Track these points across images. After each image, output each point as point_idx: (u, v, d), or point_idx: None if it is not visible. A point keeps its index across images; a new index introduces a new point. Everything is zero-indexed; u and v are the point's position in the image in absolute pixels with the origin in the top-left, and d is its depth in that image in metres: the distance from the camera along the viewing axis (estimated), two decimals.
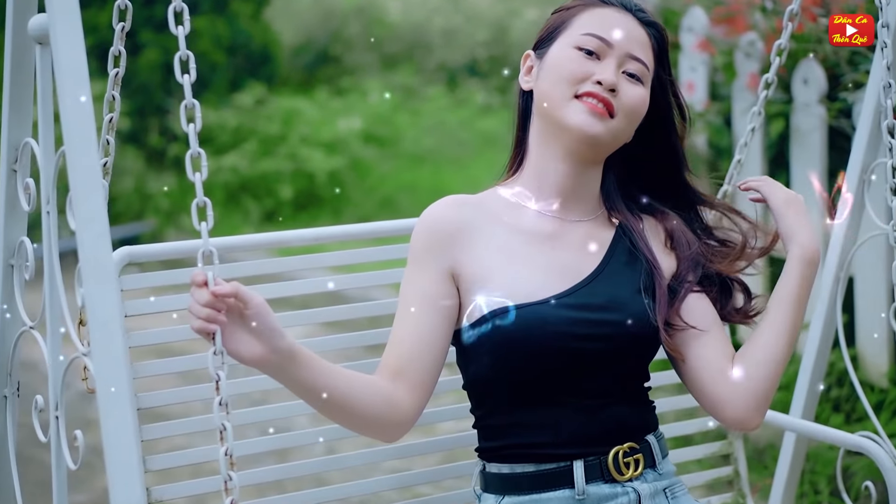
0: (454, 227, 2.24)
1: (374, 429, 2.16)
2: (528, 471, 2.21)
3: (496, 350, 2.18)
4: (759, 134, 4.73)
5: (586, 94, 2.18)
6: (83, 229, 1.85)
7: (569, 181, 2.27)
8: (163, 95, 8.47)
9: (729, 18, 4.80)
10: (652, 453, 2.26)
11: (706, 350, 2.25)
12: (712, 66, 4.90)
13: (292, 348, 1.99)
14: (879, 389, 4.32)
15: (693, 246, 2.30)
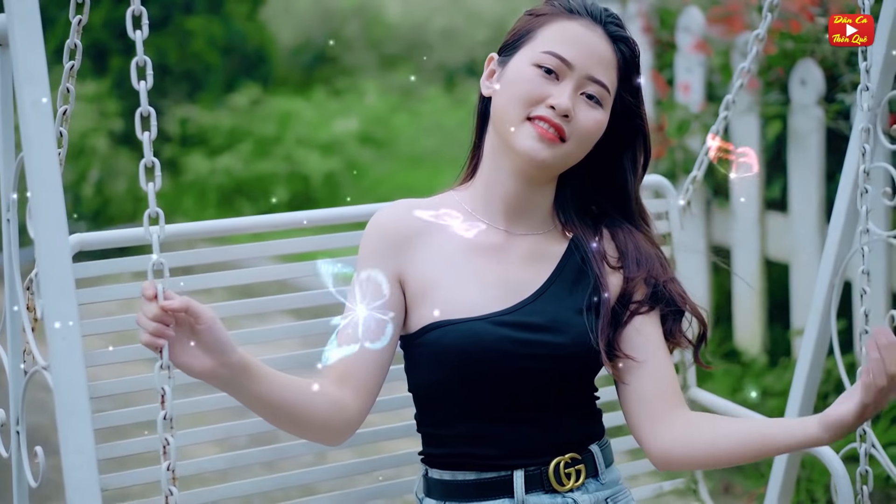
0: (403, 234, 2.23)
1: (321, 434, 2.16)
2: (469, 479, 2.21)
3: (433, 364, 2.18)
4: (756, 136, 4.67)
5: (539, 118, 2.14)
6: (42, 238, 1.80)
7: (517, 196, 2.24)
8: (156, 97, 8.39)
9: (726, 18, 4.74)
10: (595, 463, 2.26)
11: (643, 383, 2.21)
12: (709, 66, 4.83)
13: (243, 362, 1.99)
14: None
15: (643, 267, 2.25)
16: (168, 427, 1.87)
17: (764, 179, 4.72)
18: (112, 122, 7.92)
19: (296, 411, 2.08)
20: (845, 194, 2.83)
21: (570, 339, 2.17)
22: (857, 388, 2.03)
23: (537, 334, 2.17)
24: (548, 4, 2.25)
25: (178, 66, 8.47)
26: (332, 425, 2.14)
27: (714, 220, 4.99)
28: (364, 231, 2.26)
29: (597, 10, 2.21)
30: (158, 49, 8.40)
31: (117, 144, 8.01)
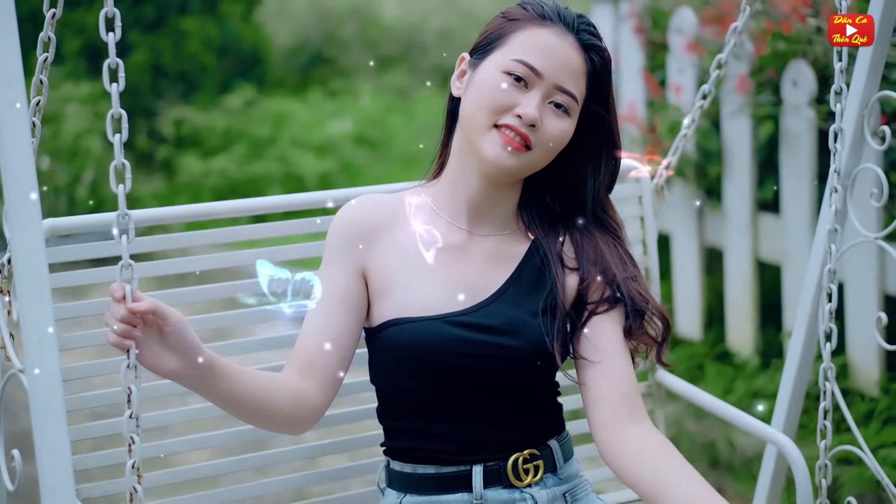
0: (367, 228, 2.26)
1: (284, 426, 2.20)
2: (429, 472, 2.26)
3: (390, 360, 2.23)
4: (748, 137, 4.65)
5: (505, 126, 2.17)
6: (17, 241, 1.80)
7: (481, 198, 2.27)
8: (152, 97, 8.40)
9: (718, 19, 4.72)
10: (553, 458, 2.30)
11: (600, 386, 2.22)
12: (701, 67, 4.82)
13: (209, 362, 2.03)
14: (870, 398, 4.25)
15: (598, 267, 2.26)
16: (134, 426, 1.91)
17: (756, 181, 4.71)
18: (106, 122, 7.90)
19: (261, 406, 2.12)
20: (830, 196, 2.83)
21: (526, 343, 2.20)
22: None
23: (493, 336, 2.20)
24: (521, 8, 2.26)
25: (173, 67, 8.45)
26: (296, 417, 2.18)
27: (706, 222, 4.98)
28: (331, 224, 2.30)
29: (570, 18, 2.23)
30: (153, 50, 8.39)
31: (111, 145, 7.98)
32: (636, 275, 2.28)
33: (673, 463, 2.10)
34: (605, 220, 2.33)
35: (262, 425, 2.21)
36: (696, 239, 4.99)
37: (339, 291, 2.23)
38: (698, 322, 5.02)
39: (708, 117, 4.81)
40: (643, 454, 2.12)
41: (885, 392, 4.22)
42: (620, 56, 5.26)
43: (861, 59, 2.75)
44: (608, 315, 2.24)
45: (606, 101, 2.26)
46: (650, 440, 2.15)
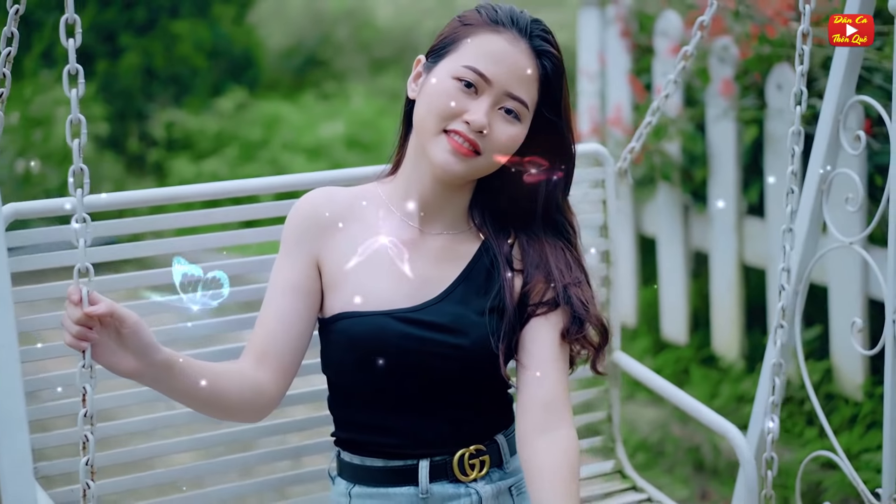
0: (322, 220, 2.30)
1: (241, 415, 2.26)
2: (378, 465, 2.31)
3: (340, 352, 2.27)
4: (733, 141, 4.65)
5: (454, 132, 2.20)
6: None
7: (434, 197, 2.31)
8: (143, 100, 8.39)
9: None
10: (500, 453, 2.35)
11: (531, 389, 2.24)
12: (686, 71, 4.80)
13: (167, 360, 2.07)
14: (854, 402, 4.25)
15: (542, 270, 2.29)
16: (88, 423, 1.96)
17: (741, 184, 4.70)
18: (97, 126, 7.90)
19: (218, 399, 2.17)
20: (808, 200, 2.82)
21: (471, 342, 2.24)
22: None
23: (440, 334, 2.24)
24: (476, 12, 2.28)
25: (164, 70, 8.44)
26: (253, 407, 2.24)
27: (692, 225, 4.97)
28: (287, 215, 2.34)
29: (523, 23, 2.25)
30: (145, 52, 8.38)
31: (102, 148, 7.99)
32: (580, 281, 2.31)
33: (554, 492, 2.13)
34: (558, 223, 2.36)
35: (219, 416, 2.27)
36: (682, 242, 4.98)
37: (294, 282, 2.27)
38: (684, 326, 5.02)
39: (693, 121, 4.81)
40: (541, 473, 2.16)
41: (869, 396, 4.21)
42: (607, 59, 5.26)
43: (836, 64, 2.75)
44: (546, 319, 2.27)
45: (558, 107, 2.29)
46: (551, 460, 2.17)
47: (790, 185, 2.74)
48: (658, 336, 5.18)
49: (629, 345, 5.25)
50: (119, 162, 8.07)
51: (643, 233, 5.26)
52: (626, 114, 5.11)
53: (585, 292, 2.30)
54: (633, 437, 4.57)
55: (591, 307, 2.29)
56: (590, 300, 2.30)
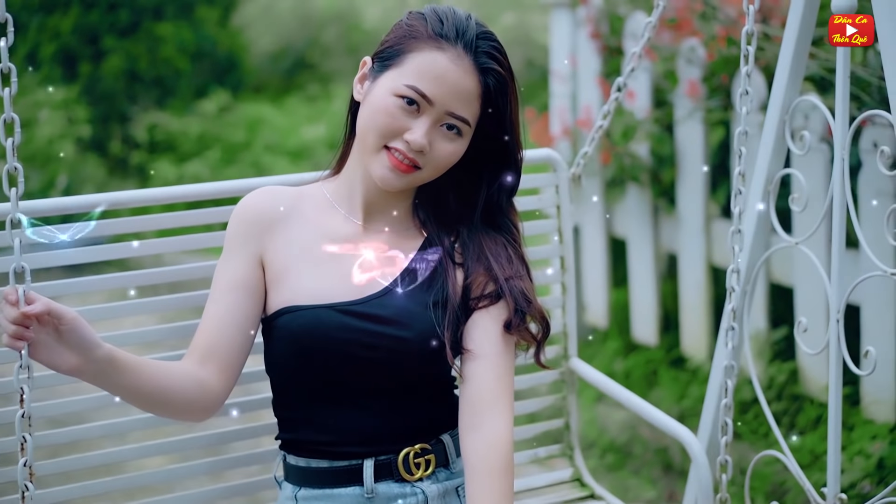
0: (265, 217, 2.31)
1: (186, 414, 2.27)
2: (322, 466, 2.31)
3: (283, 347, 2.28)
4: (701, 142, 4.65)
5: (395, 149, 2.21)
6: None
7: (377, 197, 2.33)
8: (126, 103, 8.39)
9: (674, 24, 4.72)
10: (446, 452, 2.36)
11: (466, 386, 2.26)
12: (654, 73, 4.82)
13: (109, 356, 2.08)
14: (819, 403, 4.25)
15: (482, 264, 2.31)
16: (26, 426, 1.99)
17: (709, 186, 4.71)
18: (80, 128, 7.91)
19: (163, 396, 2.18)
20: (755, 201, 2.83)
21: (415, 334, 2.25)
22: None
23: (382, 326, 2.24)
24: (422, 20, 2.26)
25: (147, 72, 8.45)
26: (198, 405, 2.25)
27: (661, 227, 4.98)
28: (231, 214, 2.36)
29: (469, 36, 2.23)
30: (128, 55, 8.38)
31: (85, 150, 7.99)
32: (521, 274, 2.31)
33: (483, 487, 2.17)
34: (500, 221, 2.37)
35: (165, 414, 2.28)
36: (652, 244, 4.98)
37: (238, 279, 2.28)
38: (654, 327, 5.02)
39: (660, 122, 4.81)
40: (473, 468, 2.20)
41: None
42: (578, 61, 5.26)
43: (781, 65, 2.77)
44: (488, 312, 2.28)
45: (502, 121, 2.29)
46: (481, 455, 2.20)
47: (737, 187, 2.75)
48: (629, 338, 5.19)
49: (600, 347, 5.25)
50: (102, 164, 8.08)
51: (614, 234, 5.26)
52: (597, 115, 5.10)
53: (526, 286, 2.31)
54: (602, 439, 4.58)
55: (533, 301, 2.30)
56: (531, 294, 2.31)
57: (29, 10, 8.38)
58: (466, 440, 2.22)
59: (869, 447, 3.98)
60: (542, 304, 2.34)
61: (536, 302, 2.31)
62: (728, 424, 2.75)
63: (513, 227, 2.37)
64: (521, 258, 2.34)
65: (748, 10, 2.61)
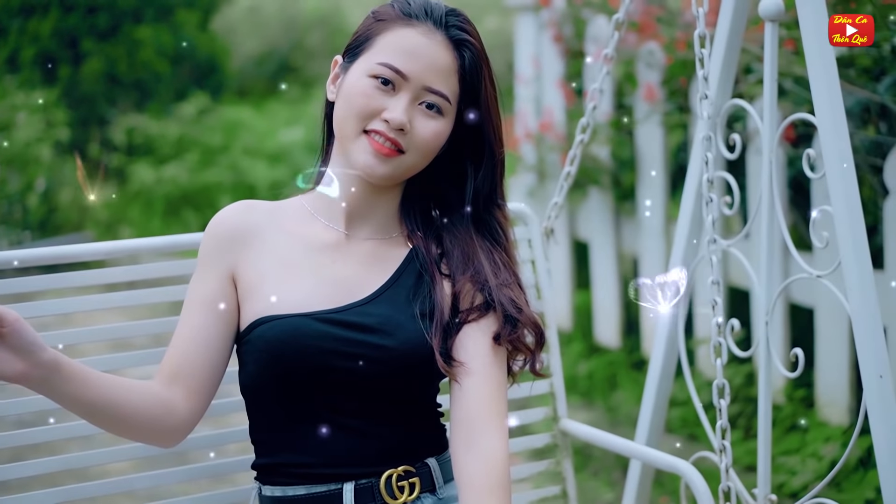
0: (238, 233, 2.20)
1: (150, 436, 2.14)
2: (300, 493, 2.16)
3: (258, 360, 2.14)
4: (660, 146, 4.67)
5: (374, 132, 2.12)
6: None
7: (361, 202, 2.22)
8: (105, 106, 8.41)
9: (637, 29, 4.73)
10: (431, 477, 2.21)
11: (457, 405, 2.14)
12: (614, 76, 4.83)
13: (55, 361, 1.97)
14: (775, 406, 4.27)
15: (467, 274, 2.19)
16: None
17: (669, 189, 4.73)
18: (59, 131, 7.93)
19: (119, 412, 2.06)
20: (689, 204, 2.84)
21: (400, 343, 2.13)
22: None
23: (364, 335, 2.13)
24: (390, 7, 2.20)
25: (126, 75, 8.47)
26: (161, 427, 2.13)
27: (623, 230, 4.99)
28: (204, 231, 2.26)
29: (438, 13, 2.17)
30: (107, 58, 8.41)
31: (63, 153, 8.01)
32: (510, 282, 2.20)
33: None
34: (488, 224, 2.26)
35: (129, 435, 2.15)
36: (613, 247, 5.00)
37: (208, 297, 2.18)
38: (616, 330, 5.04)
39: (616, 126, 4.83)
40: (467, 487, 2.09)
41: (790, 400, 4.24)
42: (542, 64, 5.28)
43: (713, 69, 2.77)
44: (478, 324, 2.17)
45: (478, 99, 2.19)
46: (476, 474, 2.09)
47: (708, 195, 2.63)
48: (591, 340, 5.20)
49: (564, 349, 5.27)
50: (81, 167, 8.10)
51: (577, 237, 5.28)
52: (559, 119, 5.13)
53: (516, 293, 2.19)
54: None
55: (524, 309, 2.19)
56: (522, 301, 2.19)
57: (9, 14, 8.41)
58: (460, 459, 2.10)
59: (822, 449, 3.99)
60: (534, 311, 2.22)
61: (528, 309, 2.19)
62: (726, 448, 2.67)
63: (500, 230, 2.26)
64: (509, 264, 2.23)
65: (697, 14, 2.59)
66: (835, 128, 2.44)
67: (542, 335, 2.22)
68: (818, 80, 2.47)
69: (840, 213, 2.45)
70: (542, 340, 2.23)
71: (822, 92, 2.46)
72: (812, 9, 2.46)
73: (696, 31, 2.59)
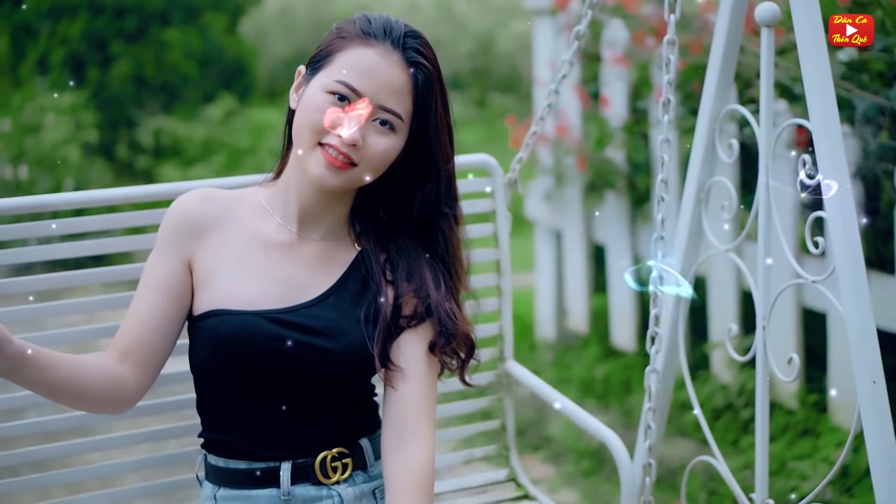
0: (197, 221, 2.31)
1: (101, 407, 2.27)
2: (241, 467, 2.31)
3: (207, 350, 2.27)
4: (675, 149, 4.66)
5: (329, 145, 2.20)
6: None
7: (313, 204, 2.32)
8: (133, 108, 8.47)
9: (654, 32, 4.73)
10: (364, 457, 2.37)
11: (389, 407, 2.28)
12: (629, 80, 4.83)
13: (21, 352, 2.07)
14: (787, 410, 4.26)
15: (412, 284, 2.31)
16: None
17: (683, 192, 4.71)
18: (87, 132, 8.00)
19: (76, 390, 2.18)
20: (688, 208, 2.85)
21: (342, 347, 2.26)
22: None
23: (310, 337, 2.25)
24: (352, 23, 2.28)
25: (154, 77, 8.53)
26: (112, 399, 2.25)
27: (638, 234, 4.98)
28: (164, 214, 2.35)
29: (396, 34, 2.25)
30: (136, 60, 8.46)
31: (92, 155, 8.08)
32: (448, 295, 2.32)
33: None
34: (433, 234, 2.36)
35: (78, 407, 2.28)
36: (630, 251, 5.00)
37: (163, 280, 2.29)
38: (632, 334, 5.03)
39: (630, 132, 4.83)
40: (393, 490, 2.22)
41: (803, 404, 4.23)
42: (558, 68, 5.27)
43: (710, 73, 2.79)
44: (415, 332, 2.29)
45: (427, 119, 2.27)
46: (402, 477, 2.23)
47: (660, 194, 2.74)
48: (608, 344, 5.20)
49: (580, 353, 5.28)
50: (108, 169, 8.16)
51: (594, 241, 5.28)
52: (575, 122, 5.13)
53: (453, 306, 2.31)
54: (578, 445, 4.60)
55: (459, 321, 2.31)
56: (458, 314, 2.31)
57: (39, 16, 8.48)
58: (389, 461, 2.24)
59: (833, 454, 3.99)
60: (470, 328, 2.34)
61: (463, 323, 2.32)
62: (651, 427, 2.75)
63: (448, 245, 2.36)
64: (449, 281, 2.35)
65: (669, 20, 2.63)
66: (828, 132, 2.44)
67: (472, 348, 2.36)
68: (812, 85, 2.46)
69: (833, 219, 2.44)
70: (470, 354, 2.36)
71: (815, 96, 2.45)
72: (807, 12, 2.46)
73: (666, 38, 2.64)
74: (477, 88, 10.66)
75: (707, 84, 2.79)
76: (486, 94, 10.63)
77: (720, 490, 4.04)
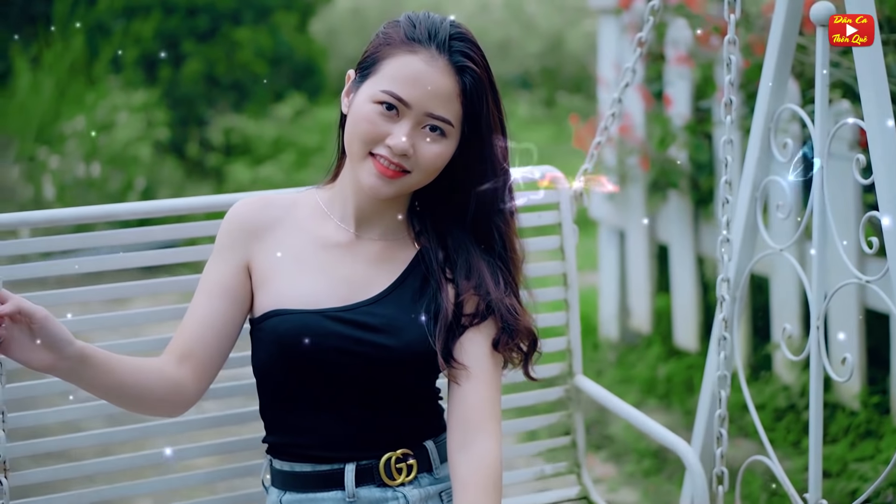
0: (255, 225, 2.34)
1: (158, 411, 2.31)
2: (306, 470, 2.32)
3: (269, 350, 2.29)
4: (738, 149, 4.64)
5: (380, 155, 2.22)
6: None
7: (369, 206, 2.33)
8: (204, 107, 8.56)
9: (719, 32, 4.71)
10: (429, 458, 2.36)
11: (453, 407, 2.29)
12: (692, 80, 4.82)
13: (81, 353, 2.12)
14: (850, 412, 4.23)
15: (471, 282, 2.31)
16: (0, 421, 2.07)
17: None
18: (159, 130, 8.10)
19: (134, 393, 2.22)
20: (743, 207, 2.84)
21: (403, 344, 2.26)
22: None
23: (370, 334, 2.26)
24: (397, 26, 2.28)
25: (225, 76, 8.61)
26: (171, 403, 2.29)
27: (701, 233, 4.97)
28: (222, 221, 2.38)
29: (442, 37, 2.24)
30: (207, 59, 8.55)
31: (164, 153, 8.17)
32: (508, 291, 2.32)
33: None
34: (490, 233, 2.36)
35: (136, 410, 2.29)
36: (692, 250, 4.98)
37: (222, 283, 2.31)
38: (695, 333, 5.02)
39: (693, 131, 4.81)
40: (461, 488, 2.22)
41: (865, 406, 4.19)
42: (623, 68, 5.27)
43: (766, 72, 2.78)
44: (478, 330, 2.30)
45: (479, 122, 2.28)
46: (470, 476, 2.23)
47: (724, 195, 2.75)
48: (671, 344, 5.19)
49: (643, 352, 5.27)
50: (179, 167, 8.25)
51: (657, 240, 5.27)
52: (638, 122, 5.12)
53: (513, 302, 2.31)
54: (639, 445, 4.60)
55: (521, 317, 2.31)
56: (519, 310, 2.32)
57: (113, 15, 8.60)
58: (456, 459, 2.24)
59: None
60: (531, 320, 2.34)
61: (525, 318, 2.32)
62: (723, 435, 2.74)
63: (504, 241, 2.36)
64: (508, 276, 2.35)
65: (729, 20, 2.62)
66: (882, 132, 2.44)
67: (535, 342, 2.36)
68: (866, 84, 2.47)
69: (889, 219, 2.44)
70: (534, 347, 2.37)
71: (870, 96, 2.45)
72: (861, 10, 2.45)
73: (727, 37, 2.63)
74: (546, 88, 10.64)
75: (762, 83, 2.78)
76: (555, 94, 10.61)
77: (780, 491, 4.02)
